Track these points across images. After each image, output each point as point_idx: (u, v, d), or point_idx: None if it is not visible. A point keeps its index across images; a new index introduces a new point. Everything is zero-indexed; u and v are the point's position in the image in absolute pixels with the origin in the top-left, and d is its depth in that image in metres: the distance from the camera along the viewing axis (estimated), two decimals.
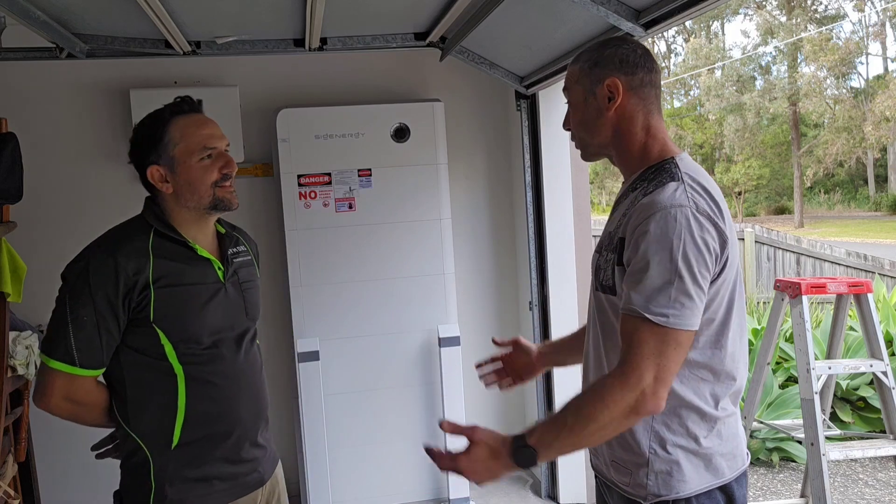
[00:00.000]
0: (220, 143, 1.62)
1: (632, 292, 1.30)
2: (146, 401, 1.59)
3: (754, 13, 26.59)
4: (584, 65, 1.48)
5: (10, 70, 3.29)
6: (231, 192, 1.62)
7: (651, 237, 1.29)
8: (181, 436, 1.58)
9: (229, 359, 1.63)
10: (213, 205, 1.61)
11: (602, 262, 1.44)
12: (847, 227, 22.82)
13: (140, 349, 1.57)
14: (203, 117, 1.64)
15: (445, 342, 3.46)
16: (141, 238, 1.58)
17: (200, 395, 1.59)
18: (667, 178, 1.38)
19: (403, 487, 3.54)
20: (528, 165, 3.51)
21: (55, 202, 3.45)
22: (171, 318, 1.56)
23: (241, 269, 1.72)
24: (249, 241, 1.83)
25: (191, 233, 1.63)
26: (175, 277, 1.57)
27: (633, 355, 1.28)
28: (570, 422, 1.29)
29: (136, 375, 1.58)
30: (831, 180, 28.63)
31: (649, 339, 1.27)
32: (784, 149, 26.27)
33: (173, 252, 1.59)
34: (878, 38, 27.02)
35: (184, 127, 1.60)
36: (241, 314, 1.68)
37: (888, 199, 26.10)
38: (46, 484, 3.31)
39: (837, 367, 3.03)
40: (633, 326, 1.30)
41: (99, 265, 1.52)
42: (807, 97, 24.18)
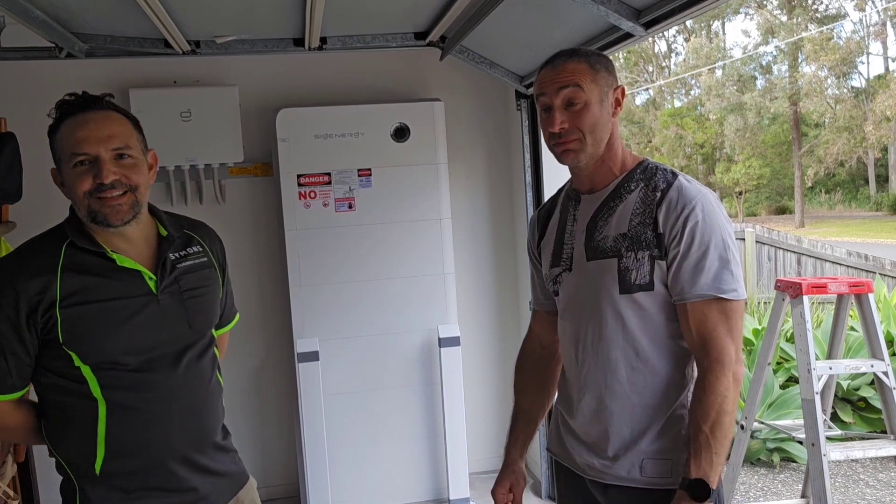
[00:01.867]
0: (95, 147, 1.39)
1: (696, 278, 1.41)
2: (66, 425, 1.47)
3: (755, 12, 26.57)
4: (600, 67, 1.50)
5: (9, 70, 3.29)
6: (110, 206, 1.40)
7: (703, 225, 1.41)
8: (103, 465, 1.45)
9: (162, 381, 1.46)
10: (92, 218, 1.41)
11: (631, 264, 1.46)
12: (848, 226, 22.81)
13: (56, 372, 1.44)
14: (86, 117, 1.41)
15: (445, 342, 3.45)
16: (51, 252, 1.43)
17: (124, 423, 1.44)
18: (668, 174, 1.48)
19: (403, 487, 3.54)
20: (528, 165, 3.51)
21: (55, 202, 3.43)
22: (83, 338, 1.41)
23: (186, 276, 1.53)
24: (210, 239, 1.65)
25: (112, 241, 1.46)
26: (88, 294, 1.41)
27: (715, 339, 1.41)
28: (708, 433, 1.38)
29: (54, 398, 1.47)
30: (832, 180, 28.61)
31: (721, 318, 1.41)
32: (785, 148, 26.26)
33: (88, 265, 1.43)
34: (879, 38, 27.02)
35: (67, 128, 1.42)
36: (181, 327, 1.50)
37: (889, 198, 26.08)
38: (46, 484, 3.30)
39: (838, 367, 3.02)
40: (703, 311, 1.41)
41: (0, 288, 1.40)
42: (807, 97, 24.18)
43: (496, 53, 3.25)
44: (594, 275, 1.51)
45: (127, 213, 1.43)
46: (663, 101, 30.04)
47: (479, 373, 3.86)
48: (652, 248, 1.44)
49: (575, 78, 1.48)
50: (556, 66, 1.51)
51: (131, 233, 1.48)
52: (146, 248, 1.51)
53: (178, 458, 1.49)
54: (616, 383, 1.50)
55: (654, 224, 1.44)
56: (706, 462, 1.38)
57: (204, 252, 1.60)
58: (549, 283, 1.65)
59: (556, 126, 1.48)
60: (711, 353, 1.40)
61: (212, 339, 1.61)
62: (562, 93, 1.48)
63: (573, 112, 1.48)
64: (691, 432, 1.41)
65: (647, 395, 1.48)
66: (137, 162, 1.46)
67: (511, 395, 1.87)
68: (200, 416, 1.53)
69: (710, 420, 1.38)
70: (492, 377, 3.90)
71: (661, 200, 1.45)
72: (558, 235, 1.62)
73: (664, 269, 1.44)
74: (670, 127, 26.68)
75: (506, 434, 1.86)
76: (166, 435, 1.47)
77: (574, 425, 1.59)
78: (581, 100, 1.47)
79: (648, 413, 1.48)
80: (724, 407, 1.38)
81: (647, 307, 1.47)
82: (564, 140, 1.49)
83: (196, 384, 1.53)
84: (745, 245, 9.37)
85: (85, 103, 1.43)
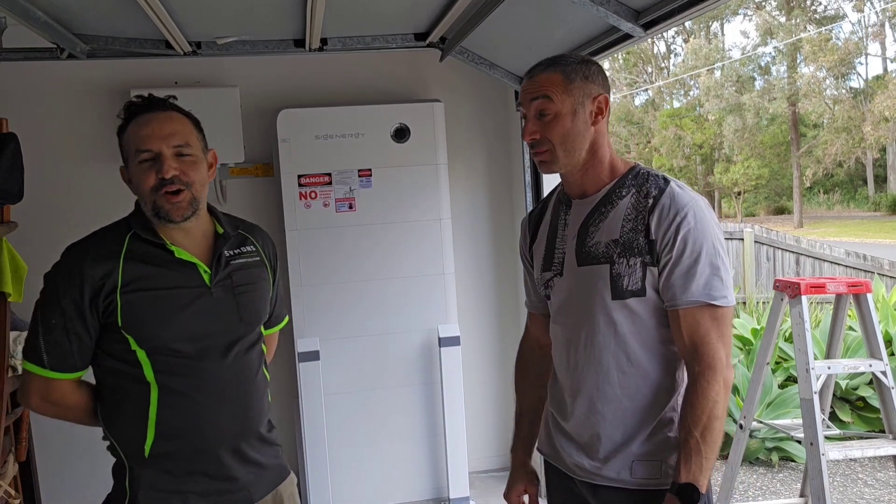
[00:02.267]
0: (157, 144, 1.49)
1: (688, 285, 1.43)
2: (119, 407, 1.55)
3: (754, 13, 26.60)
4: (575, 77, 1.50)
5: (10, 70, 3.29)
6: (172, 202, 1.49)
7: (695, 232, 1.42)
8: (153, 447, 1.52)
9: (211, 369, 1.53)
10: (156, 213, 1.51)
11: (623, 270, 1.47)
12: (846, 227, 22.83)
13: (113, 355, 1.53)
14: (151, 116, 1.52)
15: (445, 342, 3.46)
16: (115, 241, 1.54)
17: (174, 408, 1.51)
18: (660, 180, 1.50)
19: (403, 487, 3.55)
20: (528, 165, 3.52)
21: (56, 202, 3.45)
22: (140, 324, 1.49)
23: (239, 272, 1.61)
24: (263, 240, 1.73)
25: (172, 234, 1.55)
26: (147, 281, 1.50)
27: (705, 346, 1.42)
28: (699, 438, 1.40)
29: (110, 381, 1.55)
30: (830, 180, 28.64)
31: (712, 324, 1.43)
32: (783, 149, 26.29)
33: (148, 255, 1.53)
34: (878, 39, 27.05)
35: (132, 128, 1.53)
36: (232, 320, 1.58)
37: (887, 199, 26.11)
38: (47, 483, 3.31)
39: (837, 366, 3.03)
40: (695, 317, 1.43)
41: (67, 270, 1.51)
42: (806, 97, 24.21)
43: (496, 54, 3.26)
44: (586, 280, 1.52)
45: (186, 210, 1.52)
46: (662, 102, 30.05)
47: (479, 373, 3.87)
48: (644, 254, 1.45)
49: (545, 89, 1.49)
50: (532, 76, 1.53)
51: (190, 228, 1.57)
52: (203, 243, 1.60)
53: (224, 446, 1.55)
54: (608, 387, 1.51)
55: (647, 230, 1.46)
56: (696, 467, 1.39)
57: (257, 252, 1.68)
58: (540, 287, 1.66)
59: (526, 136, 1.52)
60: (703, 359, 1.42)
61: (260, 335, 1.68)
62: (533, 104, 1.50)
63: (544, 123, 1.50)
64: (682, 436, 1.42)
65: (638, 398, 1.50)
66: (197, 160, 1.55)
67: (511, 394, 1.87)
68: (247, 407, 1.59)
69: (701, 425, 1.39)
70: (492, 377, 3.91)
71: (653, 207, 1.46)
72: (549, 240, 1.63)
73: (656, 276, 1.46)
74: (669, 127, 26.69)
75: (507, 433, 1.87)
76: (214, 422, 1.54)
77: (565, 427, 1.61)
78: (551, 111, 1.49)
79: (639, 416, 1.50)
80: (715, 412, 1.40)
81: (638, 313, 1.48)
82: (537, 150, 1.53)
83: (243, 376, 1.59)
84: (744, 245, 9.38)
85: (150, 104, 1.54)
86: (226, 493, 1.57)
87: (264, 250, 1.71)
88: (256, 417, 1.62)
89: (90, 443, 1.79)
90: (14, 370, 2.73)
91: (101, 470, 3.99)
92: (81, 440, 3.50)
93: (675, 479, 1.41)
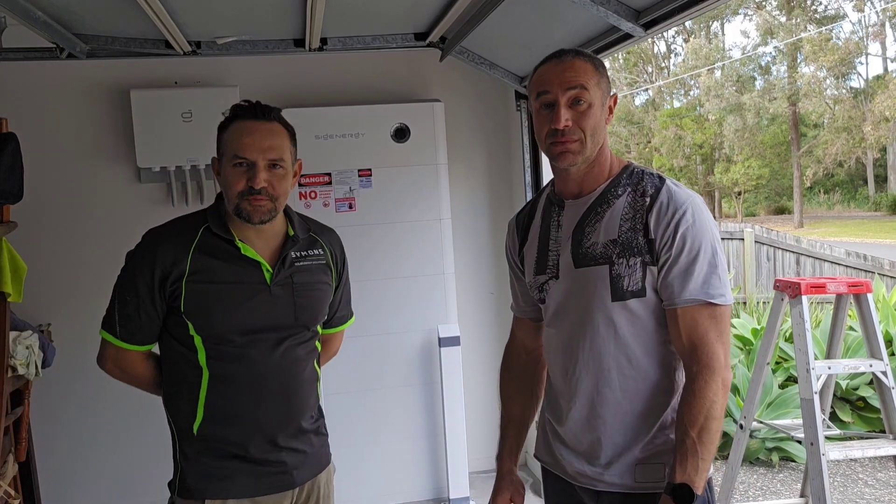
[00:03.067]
0: (255, 154, 1.58)
1: (686, 283, 1.41)
2: (176, 386, 1.66)
3: (754, 13, 26.60)
4: (603, 71, 1.49)
5: (10, 70, 3.29)
6: (254, 206, 1.58)
7: (693, 230, 1.41)
8: (200, 427, 1.63)
9: (260, 360, 1.62)
10: (237, 213, 1.60)
11: (623, 270, 1.45)
12: (846, 227, 22.83)
13: (175, 337, 1.64)
14: (256, 126, 1.61)
15: (445, 342, 3.46)
16: (190, 231, 1.64)
17: (221, 392, 1.62)
18: (655, 179, 1.49)
19: (403, 487, 3.55)
20: (528, 165, 3.52)
21: (56, 202, 3.45)
22: (200, 312, 1.60)
23: (302, 273, 1.69)
24: (333, 244, 1.81)
25: (245, 232, 1.64)
26: (211, 274, 1.61)
27: (705, 345, 1.40)
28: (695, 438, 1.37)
29: (170, 360, 1.67)
30: (831, 180, 28.64)
31: (711, 323, 1.41)
32: (784, 149, 26.29)
33: (217, 249, 1.62)
34: (878, 39, 27.04)
35: (235, 130, 1.61)
36: (287, 317, 1.66)
37: (888, 199, 26.11)
38: (47, 484, 3.31)
39: (837, 366, 3.03)
40: (693, 316, 1.41)
41: (143, 252, 1.63)
42: (806, 97, 24.21)
43: (496, 54, 3.26)
44: (583, 282, 1.49)
45: (266, 215, 1.61)
46: (662, 102, 30.05)
47: (479, 373, 3.87)
48: (643, 253, 1.43)
49: (581, 78, 1.45)
50: (562, 61, 1.47)
51: (264, 228, 1.65)
52: (273, 243, 1.68)
53: (265, 434, 1.64)
54: (608, 391, 1.48)
55: (645, 229, 1.44)
56: (692, 467, 1.37)
57: (324, 255, 1.76)
58: (533, 290, 1.62)
59: (560, 122, 1.43)
60: (702, 359, 1.40)
61: (315, 333, 1.76)
62: (569, 92, 1.44)
63: (578, 111, 1.45)
64: (678, 436, 1.40)
65: (638, 401, 1.48)
66: (286, 173, 1.63)
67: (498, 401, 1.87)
68: (290, 400, 1.67)
69: (698, 425, 1.37)
70: (492, 377, 3.86)
71: (650, 205, 1.44)
72: (542, 242, 1.59)
73: (655, 275, 1.44)
74: (669, 127, 26.69)
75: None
76: (255, 410, 1.63)
77: (564, 433, 1.58)
78: (586, 100, 1.44)
79: (640, 419, 1.48)
80: (713, 412, 1.38)
81: (639, 314, 1.46)
82: (566, 139, 1.45)
83: (290, 369, 1.67)
84: (745, 245, 9.38)
85: (256, 112, 1.62)
86: (266, 476, 1.65)
87: (332, 254, 1.79)
88: (299, 410, 1.69)
89: (90, 443, 1.79)
90: (14, 370, 2.73)
91: (101, 470, 3.99)
92: (81, 440, 3.51)
93: (669, 479, 1.39)
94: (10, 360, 2.69)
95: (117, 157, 3.49)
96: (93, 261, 3.40)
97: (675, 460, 1.39)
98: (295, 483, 1.69)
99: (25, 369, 2.77)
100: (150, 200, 3.48)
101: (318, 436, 1.76)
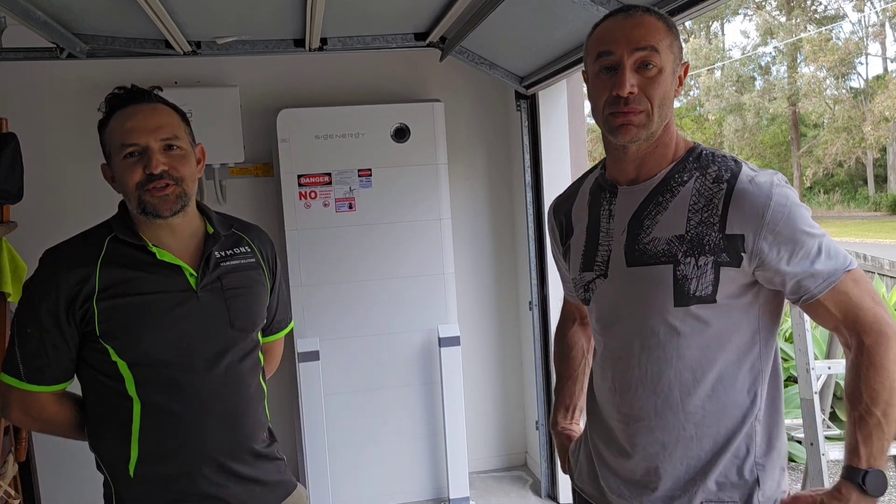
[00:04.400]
0: (144, 137, 1.39)
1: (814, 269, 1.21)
2: (103, 424, 1.46)
3: (754, 13, 26.61)
4: (676, 33, 1.27)
5: (10, 70, 3.30)
6: (160, 197, 1.39)
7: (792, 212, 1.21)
8: (137, 467, 1.42)
9: (198, 382, 1.42)
10: (142, 210, 1.41)
11: (690, 271, 1.24)
12: (847, 227, 22.83)
13: (95, 367, 1.43)
14: (136, 109, 1.42)
15: (445, 342, 3.46)
16: (94, 245, 1.45)
17: (157, 426, 1.41)
18: (730, 161, 1.28)
19: (403, 487, 3.55)
20: (528, 165, 3.52)
21: (56, 202, 3.45)
22: (119, 332, 1.39)
23: (231, 275, 1.50)
24: (260, 240, 1.62)
25: (156, 236, 1.45)
26: (126, 286, 1.40)
27: (865, 312, 1.21)
28: (881, 416, 1.19)
29: (93, 395, 1.47)
30: (831, 180, 28.63)
31: (860, 289, 1.22)
32: (783, 149, 26.29)
33: (128, 258, 1.43)
34: (878, 39, 27.02)
35: (116, 120, 1.42)
36: (222, 326, 1.46)
37: (888, 199, 26.09)
38: (47, 484, 3.31)
39: (837, 366, 3.03)
40: (840, 294, 1.22)
41: (41, 278, 1.43)
42: (806, 97, 24.22)
43: (496, 54, 3.26)
44: (639, 283, 1.29)
45: (175, 204, 1.42)
46: None
47: (479, 373, 3.87)
48: (718, 252, 1.22)
49: (653, 38, 1.23)
50: (631, 16, 1.25)
51: (177, 227, 1.47)
52: (191, 243, 1.49)
53: (211, 465, 1.44)
54: (669, 411, 1.28)
55: (723, 223, 1.22)
56: (877, 449, 1.19)
57: (252, 253, 1.58)
58: (578, 289, 1.41)
59: (625, 88, 1.21)
60: (872, 327, 1.20)
61: (256, 343, 1.57)
62: (637, 54, 1.22)
63: (646, 77, 1.23)
64: (855, 415, 1.20)
65: (705, 424, 1.27)
66: (186, 154, 1.45)
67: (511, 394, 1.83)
68: (238, 422, 1.47)
69: (882, 401, 1.18)
70: (492, 377, 3.91)
71: (730, 195, 1.22)
72: (590, 234, 1.38)
73: (733, 277, 1.23)
74: None
75: (507, 433, 1.85)
76: (200, 440, 1.43)
77: (612, 460, 1.37)
78: (657, 64, 1.23)
79: (707, 447, 1.27)
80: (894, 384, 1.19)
81: (707, 321, 1.25)
82: (629, 109, 1.23)
83: (235, 388, 1.48)
84: None
85: (133, 96, 1.44)
86: None
87: (261, 251, 1.61)
88: (250, 433, 1.50)
89: None
90: None
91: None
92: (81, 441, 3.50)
93: (853, 464, 1.20)
94: None
95: None
96: None
97: (855, 442, 1.21)
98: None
99: None
100: None
101: (272, 461, 1.55)
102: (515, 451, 3.92)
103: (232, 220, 1.62)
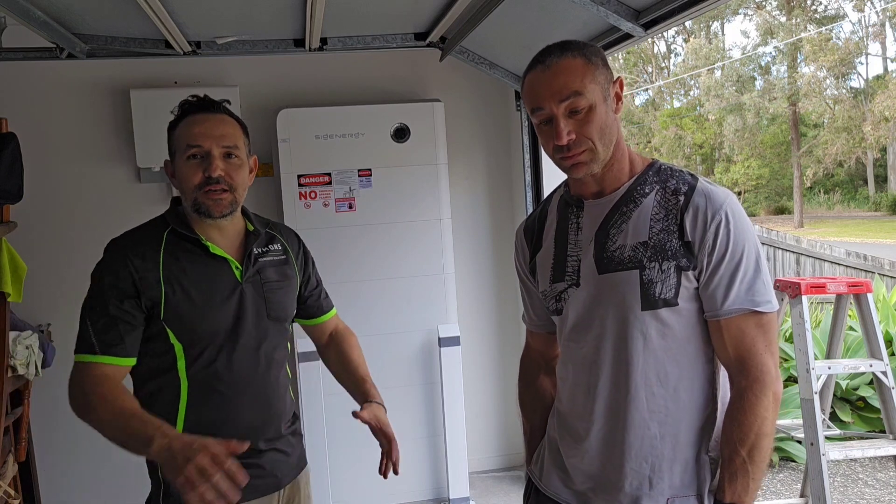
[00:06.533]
0: (208, 142, 1.53)
1: (730, 291, 1.29)
2: (154, 398, 1.58)
3: (754, 13, 26.59)
4: (597, 60, 1.33)
5: (10, 70, 3.29)
6: (213, 199, 1.53)
7: (735, 232, 1.29)
8: None
9: (238, 363, 1.58)
10: (196, 209, 1.56)
11: (655, 276, 1.31)
12: (847, 227, 22.83)
13: (152, 348, 1.57)
14: (205, 116, 1.57)
15: (445, 342, 3.46)
16: (155, 236, 1.58)
17: (202, 401, 1.56)
18: (687, 176, 1.36)
19: (403, 487, 3.54)
20: (528, 165, 3.52)
21: (55, 202, 3.45)
22: (180, 316, 1.53)
23: (267, 269, 1.66)
24: (289, 237, 1.79)
25: (207, 231, 1.60)
26: (184, 276, 1.55)
27: (753, 356, 1.29)
28: (746, 457, 1.28)
29: (146, 376, 1.59)
30: (831, 180, 28.64)
31: (758, 332, 1.30)
32: (784, 149, 26.29)
33: (185, 250, 1.57)
34: (878, 39, 27.02)
35: (186, 124, 1.57)
36: (259, 316, 1.62)
37: (888, 199, 26.10)
38: (47, 484, 3.31)
39: (837, 367, 3.03)
40: (739, 327, 1.30)
41: (112, 260, 1.56)
42: (806, 97, 24.21)
43: (496, 54, 3.26)
44: (609, 289, 1.35)
45: (226, 208, 1.56)
46: (662, 102, 30.05)
47: (479, 373, 3.87)
48: (679, 257, 1.30)
49: (573, 83, 1.30)
50: (549, 67, 1.31)
51: (225, 226, 1.62)
52: (236, 240, 1.64)
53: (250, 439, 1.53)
54: (635, 411, 1.34)
55: (681, 231, 1.30)
56: (741, 488, 1.27)
57: (283, 250, 1.73)
58: (549, 300, 1.46)
59: (562, 139, 1.30)
60: (751, 372, 1.29)
61: (286, 332, 1.73)
62: (563, 104, 1.30)
63: (578, 120, 1.31)
64: (726, 455, 1.29)
65: (668, 423, 1.34)
66: (242, 163, 1.59)
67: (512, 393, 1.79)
68: (270, 406, 1.64)
69: (749, 443, 1.27)
70: (492, 377, 3.91)
71: (686, 205, 1.31)
72: (558, 247, 1.44)
73: (692, 280, 1.31)
74: (669, 127, 26.70)
75: (507, 433, 1.84)
76: (239, 416, 1.58)
77: (577, 462, 1.43)
78: (583, 106, 1.30)
79: (671, 445, 1.34)
80: (764, 429, 1.28)
81: (671, 324, 1.32)
82: (573, 153, 1.32)
83: (269, 374, 1.64)
84: None
85: (205, 105, 1.59)
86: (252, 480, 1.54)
87: (290, 247, 1.76)
88: (278, 415, 1.66)
89: (90, 443, 1.79)
90: (13, 370, 2.73)
91: (101, 470, 3.98)
92: (81, 440, 3.50)
93: (720, 500, 1.29)
94: (9, 360, 2.70)
95: (117, 157, 3.48)
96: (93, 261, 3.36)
97: (723, 479, 1.30)
98: (280, 484, 1.66)
99: (25, 369, 2.77)
100: (150, 200, 3.48)
101: (295, 436, 1.75)
102: (515, 451, 3.91)
103: (265, 220, 1.77)
